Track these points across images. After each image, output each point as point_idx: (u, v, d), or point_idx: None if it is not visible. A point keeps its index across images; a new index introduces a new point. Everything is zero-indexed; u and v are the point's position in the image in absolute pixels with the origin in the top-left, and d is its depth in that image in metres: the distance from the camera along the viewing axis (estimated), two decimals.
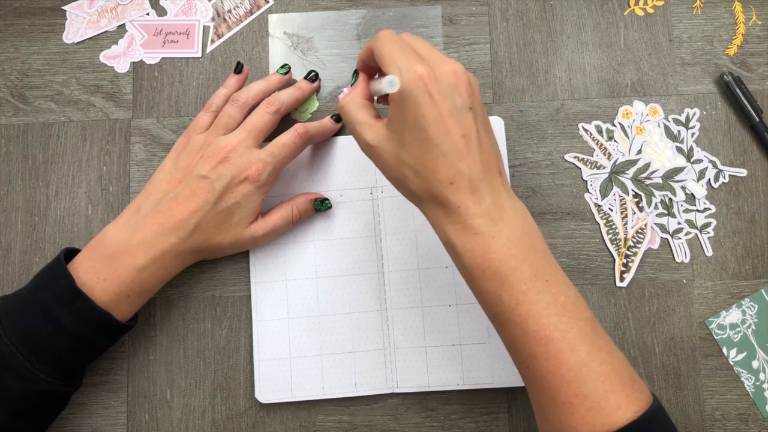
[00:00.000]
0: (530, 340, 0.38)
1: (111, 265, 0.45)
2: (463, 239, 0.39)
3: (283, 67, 0.53)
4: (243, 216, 0.48)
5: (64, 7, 0.56)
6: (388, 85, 0.38)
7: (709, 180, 0.53)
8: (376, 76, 0.46)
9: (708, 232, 0.52)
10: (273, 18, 0.55)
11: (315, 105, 0.54)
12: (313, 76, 0.53)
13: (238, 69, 0.52)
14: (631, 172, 0.53)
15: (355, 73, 0.46)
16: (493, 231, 0.38)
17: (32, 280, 0.46)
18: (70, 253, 0.47)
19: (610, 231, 0.52)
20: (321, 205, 0.51)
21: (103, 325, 0.45)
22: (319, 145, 0.53)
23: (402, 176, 0.40)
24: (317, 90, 0.54)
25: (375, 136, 0.41)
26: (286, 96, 0.50)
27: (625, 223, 0.52)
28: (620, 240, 0.52)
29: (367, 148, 0.42)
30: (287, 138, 0.49)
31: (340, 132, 0.54)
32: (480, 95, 0.41)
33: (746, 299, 0.51)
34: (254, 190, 0.47)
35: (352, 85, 0.45)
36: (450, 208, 0.39)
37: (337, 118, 0.52)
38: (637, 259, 0.52)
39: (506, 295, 0.38)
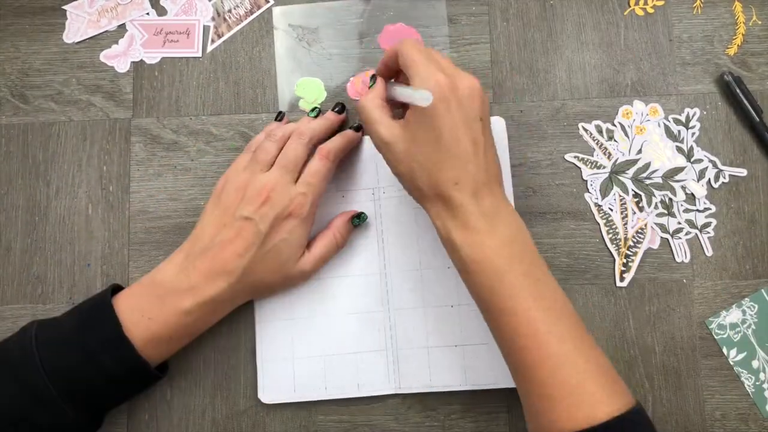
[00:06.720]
0: (520, 331, 0.40)
1: (158, 305, 0.45)
2: (462, 235, 0.42)
3: (312, 110, 0.53)
4: (291, 253, 0.48)
5: (64, 7, 0.56)
6: (420, 98, 0.41)
7: (709, 180, 0.53)
8: (392, 80, 0.49)
9: (708, 232, 0.52)
10: (276, 10, 0.55)
11: (323, 95, 0.54)
12: (339, 109, 0.53)
13: (279, 117, 0.53)
14: (631, 171, 0.53)
15: (373, 77, 0.48)
16: (490, 229, 0.41)
17: (75, 311, 0.47)
18: (116, 288, 0.48)
19: (610, 231, 0.52)
20: (359, 220, 0.51)
21: (138, 372, 0.45)
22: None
23: (411, 171, 0.43)
24: (344, 122, 0.53)
25: (390, 134, 0.44)
26: (316, 125, 0.50)
27: (625, 223, 0.52)
28: (620, 240, 0.52)
29: (382, 144, 0.45)
30: (316, 165, 0.48)
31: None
32: (489, 112, 0.44)
33: (746, 299, 0.51)
34: (299, 224, 0.47)
35: (370, 87, 0.48)
36: (452, 206, 0.42)
37: (357, 127, 0.52)
38: (637, 259, 0.52)
39: (499, 287, 0.41)
